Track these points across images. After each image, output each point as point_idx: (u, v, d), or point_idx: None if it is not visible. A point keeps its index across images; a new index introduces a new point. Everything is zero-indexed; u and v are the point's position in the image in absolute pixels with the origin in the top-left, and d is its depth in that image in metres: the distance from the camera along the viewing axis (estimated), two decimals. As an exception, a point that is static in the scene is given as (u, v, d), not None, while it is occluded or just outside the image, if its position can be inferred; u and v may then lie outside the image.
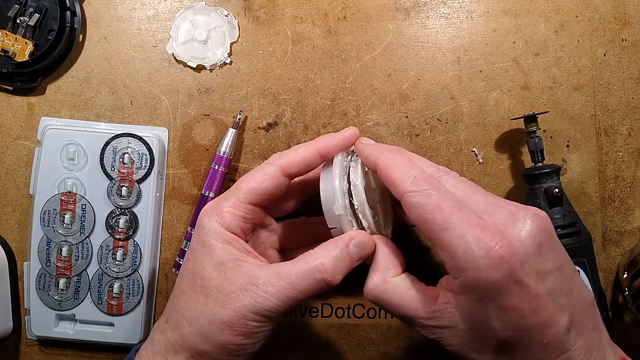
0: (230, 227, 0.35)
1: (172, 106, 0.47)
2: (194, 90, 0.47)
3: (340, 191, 0.35)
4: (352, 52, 0.48)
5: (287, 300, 0.33)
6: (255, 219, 0.37)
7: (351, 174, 0.36)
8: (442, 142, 0.48)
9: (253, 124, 0.47)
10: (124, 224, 0.45)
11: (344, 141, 0.37)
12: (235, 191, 0.36)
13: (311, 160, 0.36)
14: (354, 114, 0.48)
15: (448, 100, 0.48)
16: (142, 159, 0.45)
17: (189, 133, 0.47)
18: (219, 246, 0.34)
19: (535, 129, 0.44)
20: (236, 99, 0.47)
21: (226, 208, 0.36)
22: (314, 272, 0.33)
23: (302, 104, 0.47)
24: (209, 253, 0.34)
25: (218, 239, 0.34)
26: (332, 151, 0.36)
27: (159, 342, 0.35)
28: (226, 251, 0.34)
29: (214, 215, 0.35)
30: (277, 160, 0.36)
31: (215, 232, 0.35)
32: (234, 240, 0.35)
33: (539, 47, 0.48)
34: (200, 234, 0.35)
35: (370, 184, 0.39)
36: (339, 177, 0.35)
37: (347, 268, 0.34)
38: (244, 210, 0.36)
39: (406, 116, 0.48)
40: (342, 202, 0.34)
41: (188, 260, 0.36)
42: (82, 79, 0.47)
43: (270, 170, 0.36)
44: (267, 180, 0.36)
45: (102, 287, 0.45)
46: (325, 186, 0.35)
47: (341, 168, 0.36)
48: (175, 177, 0.47)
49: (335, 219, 0.35)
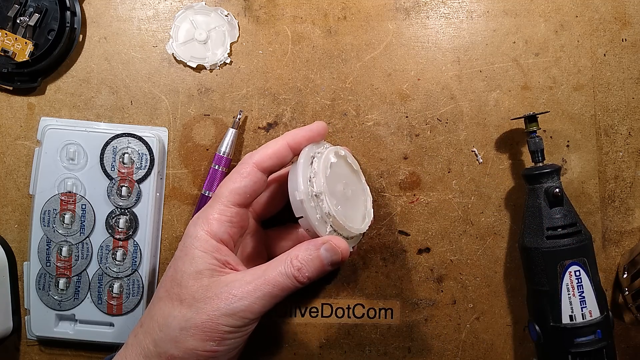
0: (218, 234, 0.35)
1: (172, 106, 0.47)
2: (194, 90, 0.47)
3: (302, 178, 0.35)
4: (352, 52, 0.47)
5: (263, 296, 0.33)
6: (242, 222, 0.37)
7: (314, 162, 0.36)
8: (442, 142, 0.47)
9: (253, 124, 0.47)
10: (124, 224, 0.45)
11: (310, 132, 0.38)
12: (218, 197, 0.36)
13: (282, 153, 0.37)
14: (354, 113, 0.47)
15: (448, 100, 0.47)
16: (142, 159, 0.45)
17: (189, 133, 0.47)
18: (200, 254, 0.34)
19: (536, 129, 0.44)
20: (236, 99, 0.47)
21: (213, 215, 0.36)
22: (286, 267, 0.34)
23: (302, 104, 0.47)
24: (189, 261, 0.34)
25: (200, 247, 0.35)
26: (300, 143, 0.37)
27: (132, 346, 0.35)
28: (206, 260, 0.34)
29: (201, 224, 0.36)
30: (250, 158, 0.37)
31: (199, 240, 0.35)
32: (218, 250, 0.35)
33: (539, 47, 0.48)
34: (185, 241, 0.36)
35: (340, 177, 0.39)
36: (302, 165, 0.36)
37: (317, 269, 0.35)
38: (230, 214, 0.36)
39: (406, 116, 0.47)
40: (303, 188, 0.35)
41: (169, 267, 0.36)
42: (82, 79, 0.47)
43: (245, 168, 0.36)
44: (245, 179, 0.36)
45: (102, 287, 0.45)
46: (290, 176, 0.36)
47: (306, 157, 0.36)
48: (175, 177, 0.47)
49: (299, 206, 0.35)
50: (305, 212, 0.35)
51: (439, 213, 0.47)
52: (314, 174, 0.36)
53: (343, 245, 0.36)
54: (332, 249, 0.35)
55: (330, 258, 0.35)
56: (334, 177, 0.37)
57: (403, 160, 0.47)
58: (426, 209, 0.47)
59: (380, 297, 0.46)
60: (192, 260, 0.34)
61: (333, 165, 0.37)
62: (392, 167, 0.47)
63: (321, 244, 0.35)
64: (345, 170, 0.40)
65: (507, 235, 0.47)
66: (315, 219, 0.36)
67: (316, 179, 0.35)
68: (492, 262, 0.47)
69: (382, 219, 0.47)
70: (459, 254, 0.47)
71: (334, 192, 0.37)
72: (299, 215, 0.36)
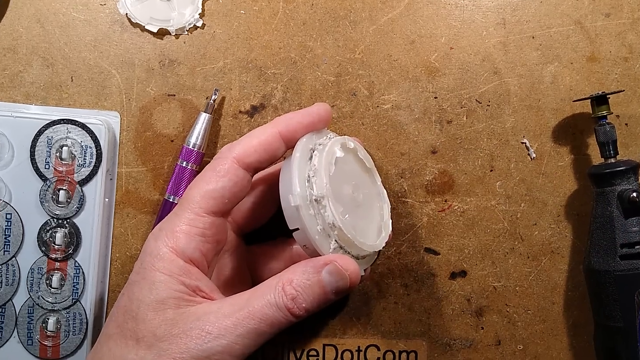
0: (187, 252, 0.33)
1: (125, 84, 0.43)
2: (154, 62, 0.44)
3: (298, 177, 0.33)
4: (364, 12, 0.44)
5: (246, 334, 0.31)
6: (218, 235, 0.35)
7: (314, 157, 0.34)
8: (482, 132, 0.44)
9: (232, 107, 0.44)
10: (61, 240, 0.41)
11: (309, 117, 0.35)
12: (187, 203, 0.34)
13: (272, 145, 0.35)
14: (365, 93, 0.44)
15: (490, 75, 0.44)
16: (85, 153, 0.42)
17: (147, 119, 0.44)
18: (162, 279, 0.32)
19: (606, 114, 0.41)
20: (210, 74, 0.44)
21: (180, 226, 0.33)
22: (276, 296, 0.31)
23: (298, 80, 0.44)
24: (147, 287, 0.32)
25: (163, 269, 0.32)
26: (295, 131, 0.35)
27: None
28: (171, 286, 0.32)
29: (164, 238, 0.33)
30: (230, 152, 0.34)
31: (162, 260, 0.32)
32: (186, 272, 0.33)
33: (611, 4, 0.44)
34: (143, 261, 0.33)
35: (349, 176, 0.37)
36: (299, 160, 0.33)
37: (317, 299, 0.32)
38: (203, 224, 0.33)
39: (435, 97, 0.44)
40: (299, 190, 0.32)
41: (122, 295, 0.33)
42: (7, 48, 0.43)
43: (223, 165, 0.34)
44: (223, 179, 0.34)
45: (33, 322, 0.41)
46: (283, 176, 0.34)
47: (304, 150, 0.34)
48: (130, 177, 0.44)
49: (293, 215, 0.33)
50: (303, 222, 0.32)
51: (478, 225, 0.44)
52: (313, 172, 0.33)
53: (352, 267, 0.33)
54: (338, 272, 0.32)
55: (335, 284, 0.32)
56: (340, 176, 0.35)
57: (431, 155, 0.44)
58: (461, 220, 0.45)
59: (400, 336, 0.44)
60: (153, 286, 0.32)
61: (339, 161, 0.35)
62: (417, 165, 0.44)
63: (323, 265, 0.33)
64: (355, 167, 0.38)
65: (568, 254, 0.44)
66: (316, 232, 0.33)
67: (317, 178, 0.33)
68: (548, 290, 0.44)
69: (403, 233, 0.44)
70: (505, 278, 0.44)
71: (341, 196, 0.35)
72: (294, 226, 0.33)
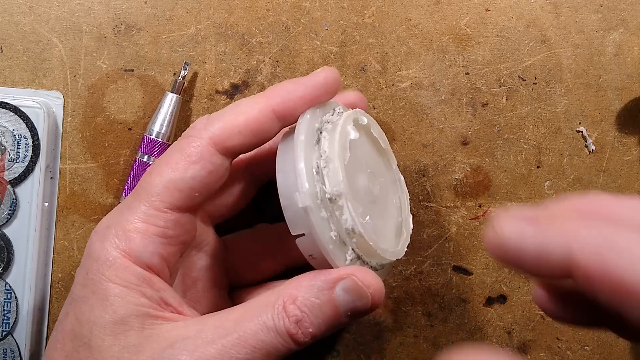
0: (143, 257, 0.29)
1: (70, 56, 0.38)
2: (107, 28, 0.38)
3: (305, 170, 0.29)
4: None
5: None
6: (183, 235, 0.31)
7: (322, 140, 0.30)
8: (526, 117, 0.39)
9: (207, 86, 0.39)
10: None
11: (314, 91, 0.31)
12: (144, 193, 0.30)
13: (262, 126, 0.30)
14: (377, 68, 0.38)
15: (537, 45, 0.39)
16: (19, 145, 0.38)
17: (98, 101, 0.38)
18: (117, 292, 0.28)
19: None
20: (178, 44, 0.38)
21: (133, 224, 0.29)
22: (276, 317, 0.28)
23: (291, 51, 0.39)
24: (100, 305, 0.28)
25: (117, 280, 0.29)
26: (295, 108, 0.30)
27: None
28: (129, 301, 0.29)
29: (112, 239, 0.29)
30: (205, 129, 0.30)
31: (113, 268, 0.29)
32: (146, 282, 0.29)
33: None
34: (88, 271, 0.29)
35: (363, 163, 0.33)
36: (304, 146, 0.29)
37: (326, 323, 0.29)
38: (164, 223, 0.29)
39: (466, 72, 0.39)
40: (308, 187, 0.28)
41: (66, 315, 0.29)
42: None
43: (195, 147, 0.29)
44: (194, 166, 0.29)
45: None
46: (282, 165, 0.30)
47: (309, 133, 0.30)
48: (76, 175, 0.38)
49: (299, 217, 0.29)
50: (312, 227, 0.28)
51: (522, 236, 0.38)
52: (324, 161, 0.29)
53: (374, 283, 0.29)
54: (357, 289, 0.29)
55: (352, 304, 0.29)
56: (353, 163, 0.31)
57: (461, 146, 0.40)
58: (500, 230, 0.38)
59: (422, 379, 0.39)
60: (106, 302, 0.28)
61: (353, 145, 0.31)
62: (443, 159, 0.40)
63: (337, 280, 0.29)
64: (368, 149, 0.34)
65: None
66: (329, 240, 0.29)
67: (329, 170, 0.29)
68: None
69: (425, 247, 0.40)
70: (555, 305, 0.37)
71: (357, 190, 0.31)
72: (299, 232, 0.30)
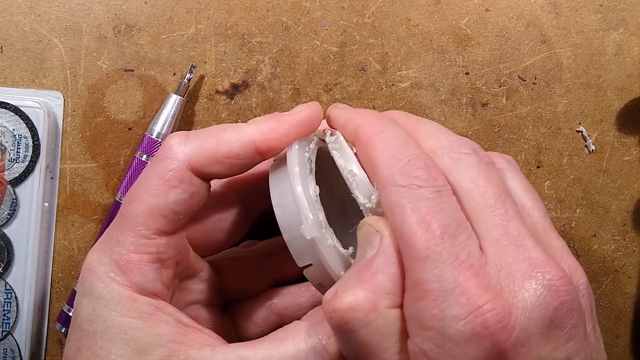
0: (147, 286, 0.28)
1: (70, 55, 0.38)
2: (107, 27, 0.38)
3: (306, 200, 0.29)
4: None
5: None
6: (177, 255, 0.30)
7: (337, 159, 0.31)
8: (526, 117, 0.39)
9: (208, 86, 0.39)
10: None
11: (297, 127, 0.31)
12: (127, 222, 0.29)
13: (242, 160, 0.30)
14: (377, 68, 0.39)
15: (537, 45, 0.39)
16: (19, 145, 0.38)
17: (98, 101, 0.38)
18: (135, 325, 0.27)
19: None
20: (179, 44, 0.38)
21: (126, 256, 0.28)
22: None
23: (291, 51, 0.39)
24: (118, 339, 0.27)
25: (130, 314, 0.27)
26: (278, 145, 0.31)
27: None
28: (149, 333, 0.27)
29: (109, 274, 0.28)
30: (182, 151, 0.29)
31: (122, 304, 0.27)
32: (158, 308, 0.28)
33: None
34: (94, 308, 0.28)
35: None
36: (300, 177, 0.29)
37: None
38: (155, 248, 0.28)
39: (466, 72, 0.39)
40: (312, 217, 0.29)
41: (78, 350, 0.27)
42: None
43: (174, 170, 0.29)
44: (174, 190, 0.29)
45: None
46: (279, 198, 0.30)
47: (302, 163, 0.31)
48: (76, 175, 0.38)
49: (306, 249, 0.29)
50: (323, 257, 0.29)
51: (522, 236, 0.38)
52: (350, 174, 0.30)
53: None
54: None
55: None
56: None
57: None
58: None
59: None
60: (125, 336, 0.27)
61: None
62: None
63: None
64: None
65: (637, 274, 0.40)
66: (340, 267, 0.29)
67: (357, 183, 0.31)
68: (611, 320, 0.41)
69: None
70: (556, 304, 0.38)
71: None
72: (306, 262, 0.30)
